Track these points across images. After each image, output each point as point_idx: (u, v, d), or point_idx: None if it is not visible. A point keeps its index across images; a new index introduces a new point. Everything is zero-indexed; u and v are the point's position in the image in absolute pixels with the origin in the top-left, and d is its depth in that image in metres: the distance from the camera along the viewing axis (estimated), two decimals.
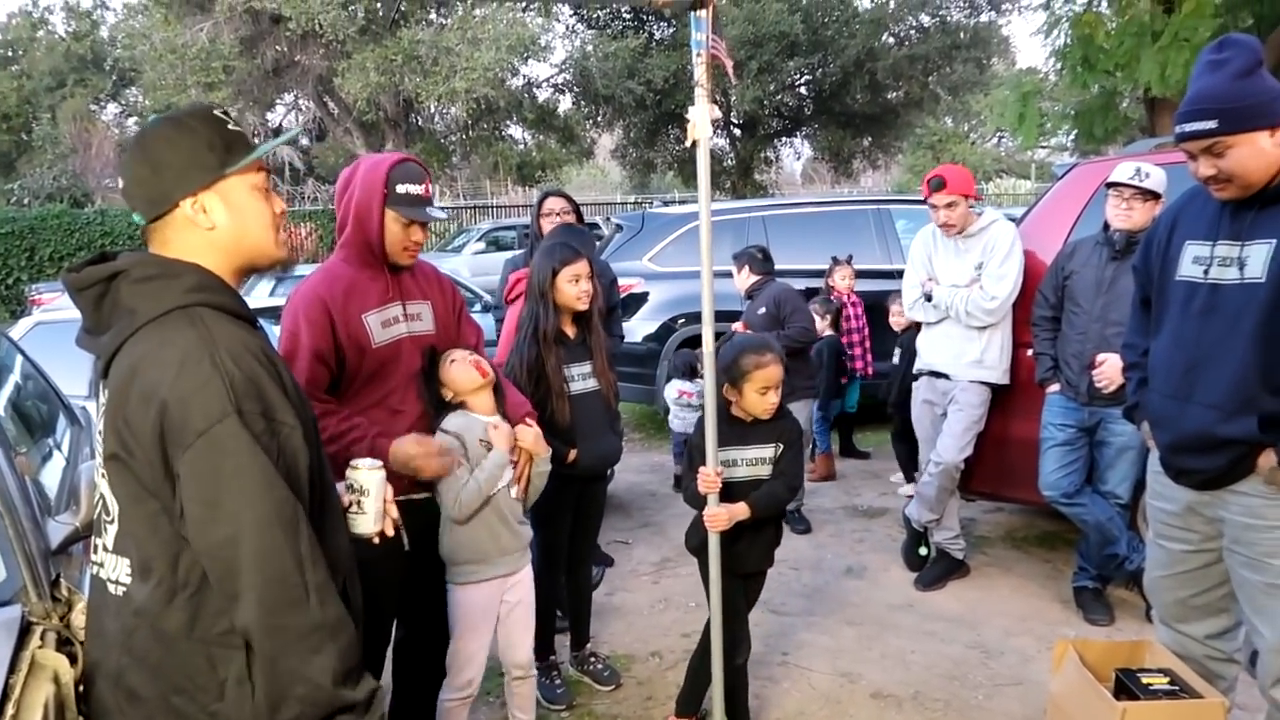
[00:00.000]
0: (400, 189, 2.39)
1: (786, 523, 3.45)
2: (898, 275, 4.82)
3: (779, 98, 21.62)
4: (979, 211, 4.08)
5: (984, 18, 21.78)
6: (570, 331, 3.19)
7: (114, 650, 1.47)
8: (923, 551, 4.39)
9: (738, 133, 23.32)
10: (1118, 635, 3.64)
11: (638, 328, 6.67)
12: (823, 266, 6.47)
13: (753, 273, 5.12)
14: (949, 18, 21.38)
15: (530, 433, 2.69)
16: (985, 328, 3.99)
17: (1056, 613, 3.93)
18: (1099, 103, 10.76)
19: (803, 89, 22.70)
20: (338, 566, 1.49)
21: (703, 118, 2.51)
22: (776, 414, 2.83)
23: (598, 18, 21.44)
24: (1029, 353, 3.95)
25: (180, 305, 1.44)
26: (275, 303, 6.68)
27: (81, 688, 1.56)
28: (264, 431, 1.40)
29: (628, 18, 21.28)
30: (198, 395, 1.36)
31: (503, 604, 2.70)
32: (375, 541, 1.80)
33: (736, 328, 4.91)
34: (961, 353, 4.06)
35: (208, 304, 1.46)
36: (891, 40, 21.34)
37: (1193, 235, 2.33)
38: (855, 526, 5.14)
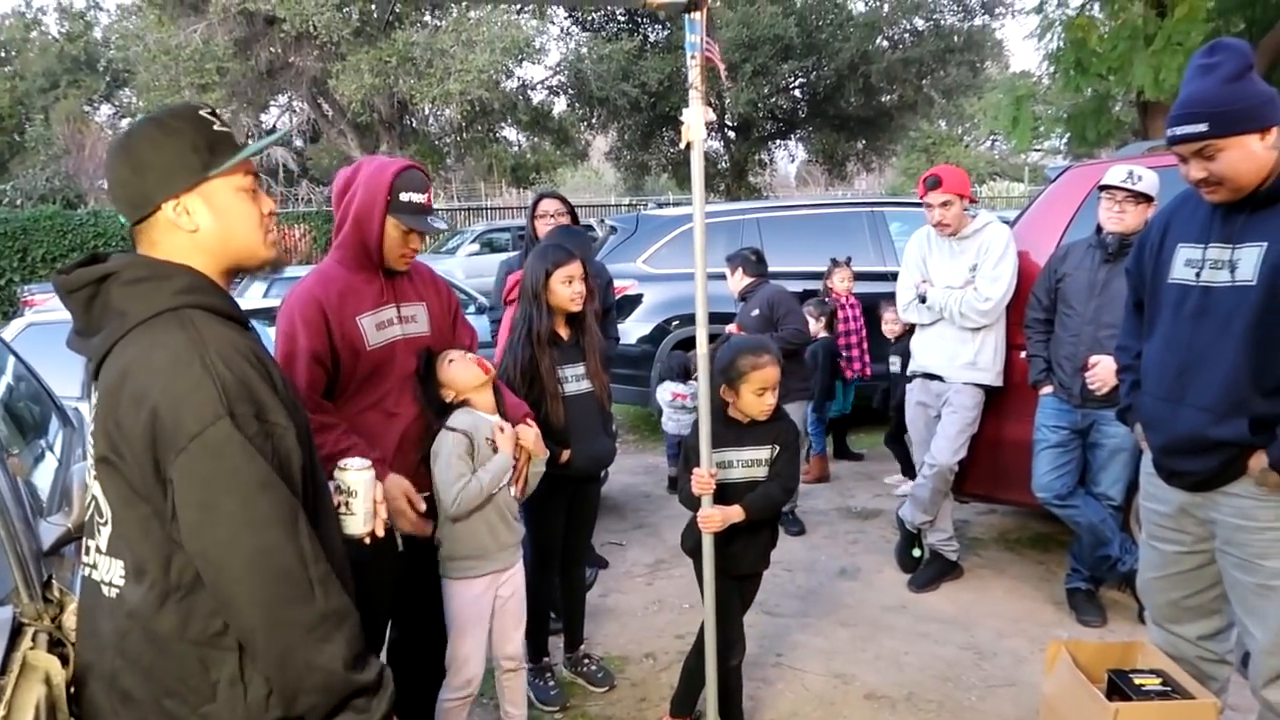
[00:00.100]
0: (404, 197, 2.39)
1: (780, 524, 3.45)
2: (891, 278, 4.83)
3: (773, 100, 21.67)
4: (973, 214, 4.09)
5: (978, 21, 21.89)
6: (564, 333, 3.19)
7: (108, 652, 1.47)
8: (916, 553, 4.40)
9: (732, 135, 23.36)
10: (1110, 636, 3.65)
11: (632, 329, 6.67)
12: (816, 269, 6.47)
13: (746, 275, 5.12)
14: (943, 21, 21.46)
15: (531, 433, 2.73)
16: (979, 329, 4.00)
17: (1049, 614, 3.94)
18: (1092, 106, 10.82)
19: (797, 92, 22.75)
20: (333, 566, 1.49)
21: (697, 120, 2.52)
22: (774, 416, 2.82)
23: (592, 20, 21.47)
24: (1022, 355, 3.97)
25: (170, 307, 1.43)
26: (269, 304, 6.67)
27: (73, 689, 1.56)
28: (257, 433, 1.39)
29: (622, 20, 21.32)
30: (189, 399, 1.36)
31: (496, 598, 2.71)
32: (366, 542, 1.80)
33: (730, 329, 4.92)
34: (955, 355, 4.07)
35: (198, 306, 1.45)
36: (885, 44, 21.40)
37: (1185, 238, 2.34)
38: (849, 528, 5.15)
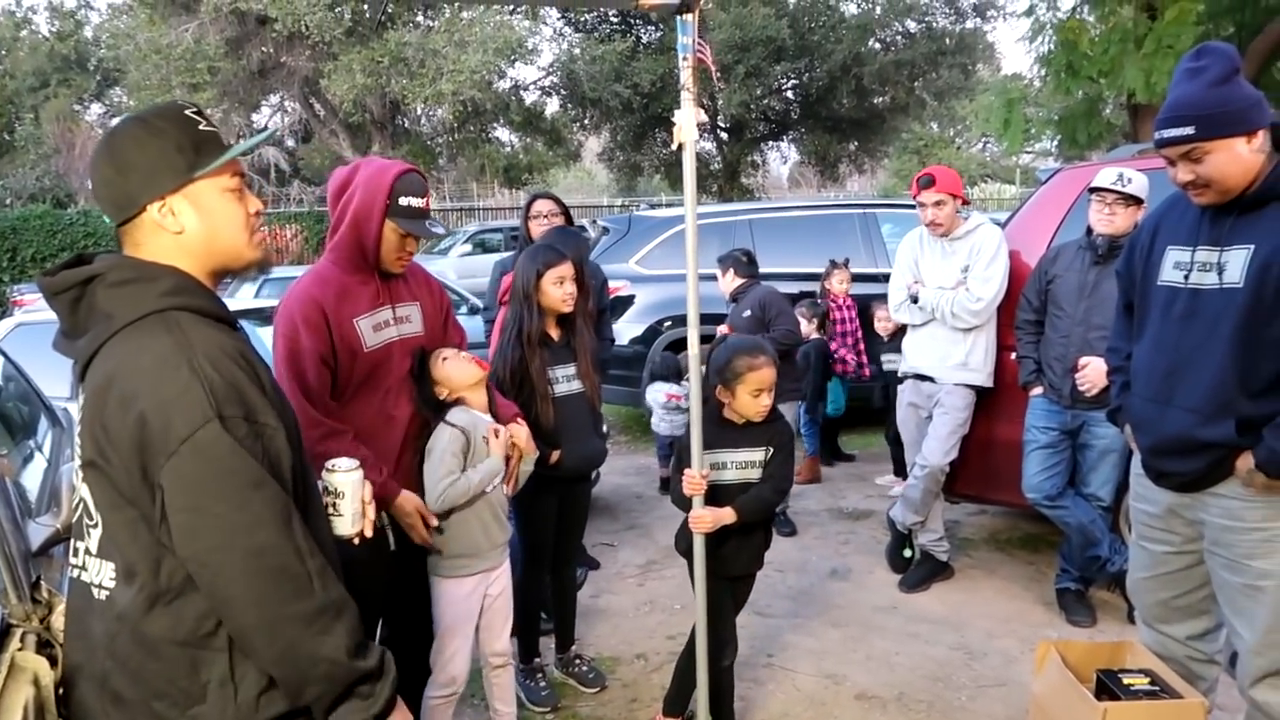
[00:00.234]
0: (403, 201, 2.40)
1: (772, 525, 3.45)
2: (883, 279, 4.84)
3: (765, 102, 21.67)
4: (965, 216, 4.11)
5: (969, 24, 21.96)
6: (555, 334, 3.19)
7: (98, 653, 1.46)
8: (907, 554, 4.41)
9: (724, 136, 23.38)
10: (1100, 636, 3.66)
11: (624, 330, 6.66)
12: (808, 270, 6.47)
13: (737, 276, 5.13)
14: (935, 24, 21.53)
15: (524, 431, 2.76)
16: (970, 330, 4.02)
17: (1039, 614, 3.96)
18: (1082, 108, 10.87)
19: (789, 93, 22.78)
20: (326, 558, 1.49)
21: (689, 121, 2.53)
22: (769, 417, 2.80)
23: (585, 21, 21.47)
24: (1013, 356, 3.98)
25: (157, 309, 1.42)
26: (261, 304, 6.64)
27: (62, 690, 1.55)
28: (247, 435, 1.39)
29: (615, 21, 21.32)
30: (177, 402, 1.35)
31: (486, 596, 2.72)
32: (355, 543, 1.79)
33: (722, 330, 4.92)
34: (946, 355, 4.08)
35: (184, 308, 1.44)
36: (878, 45, 21.44)
37: (1174, 241, 2.35)
38: (840, 529, 5.16)
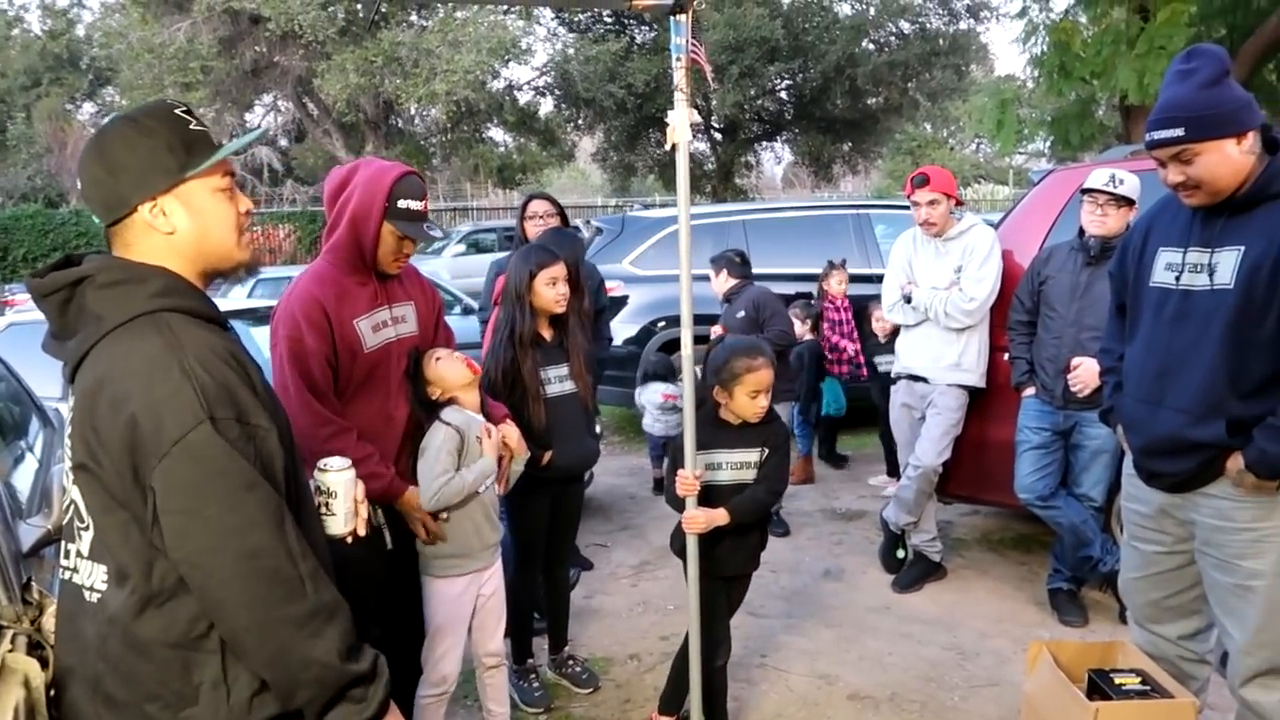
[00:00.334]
0: (402, 204, 2.40)
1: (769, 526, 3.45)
2: (877, 280, 4.85)
3: (759, 102, 21.71)
4: (959, 217, 4.12)
5: (963, 25, 22.00)
6: (547, 334, 3.19)
7: (90, 655, 1.45)
8: (900, 554, 4.42)
9: (718, 137, 23.39)
10: (1091, 636, 3.67)
11: (618, 331, 6.65)
12: (802, 271, 6.48)
13: (730, 276, 5.13)
14: (928, 25, 21.57)
15: (515, 432, 2.77)
16: (963, 331, 4.03)
17: (1032, 614, 3.97)
18: (1075, 109, 10.90)
19: (783, 94, 22.80)
20: (319, 560, 1.49)
21: (682, 122, 2.53)
22: (765, 418, 2.80)
23: (579, 21, 21.47)
24: (1005, 357, 3.99)
25: (147, 311, 1.42)
26: (253, 304, 6.63)
27: (53, 692, 1.54)
28: (239, 436, 1.38)
29: (609, 22, 21.32)
30: (168, 404, 1.34)
31: (479, 596, 2.72)
32: (348, 541, 1.79)
33: (715, 331, 4.92)
34: (939, 356, 4.09)
35: (175, 309, 1.44)
36: (871, 46, 21.47)
37: (1166, 242, 2.36)
38: (833, 529, 5.16)
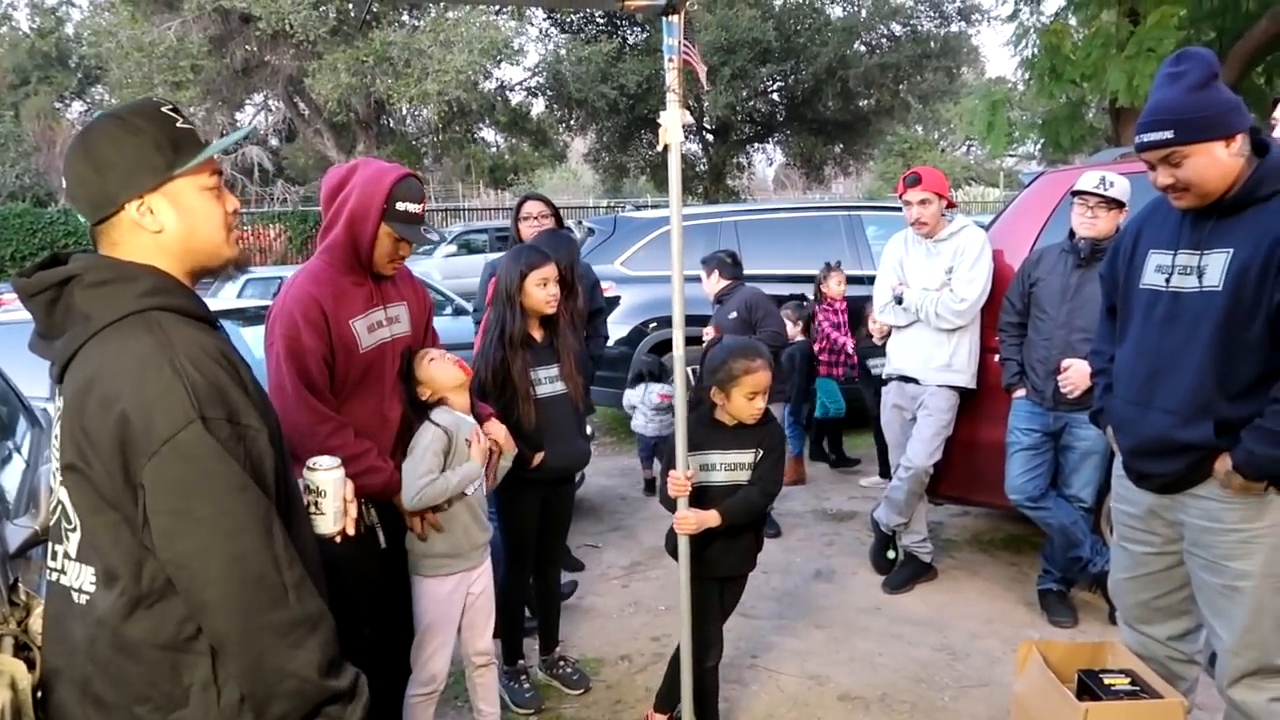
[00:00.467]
0: (400, 206, 2.41)
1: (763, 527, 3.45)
2: (868, 281, 4.85)
3: (751, 104, 21.74)
4: (950, 218, 4.13)
5: (954, 27, 22.10)
6: (538, 335, 3.18)
7: (79, 657, 1.44)
8: (891, 555, 4.42)
9: (710, 138, 23.43)
10: (1081, 637, 3.68)
11: (610, 332, 6.64)
12: (793, 272, 6.49)
13: (722, 277, 5.13)
14: (920, 27, 21.66)
15: (501, 429, 2.78)
16: (954, 332, 4.04)
17: (1022, 615, 3.98)
18: (1065, 112, 10.94)
19: (775, 95, 22.85)
20: (306, 569, 1.48)
21: (675, 123, 2.53)
22: (761, 420, 2.79)
23: (571, 22, 21.48)
24: (996, 358, 4.00)
25: (136, 310, 1.41)
26: (243, 304, 6.61)
27: (40, 694, 1.53)
28: (230, 436, 1.38)
29: (601, 22, 21.34)
30: (159, 403, 1.33)
31: (468, 595, 2.72)
32: (337, 540, 1.79)
33: (707, 332, 4.92)
34: (930, 357, 4.10)
35: (164, 308, 1.43)
36: (863, 48, 21.55)
37: (1156, 244, 2.37)
38: (824, 530, 5.17)
